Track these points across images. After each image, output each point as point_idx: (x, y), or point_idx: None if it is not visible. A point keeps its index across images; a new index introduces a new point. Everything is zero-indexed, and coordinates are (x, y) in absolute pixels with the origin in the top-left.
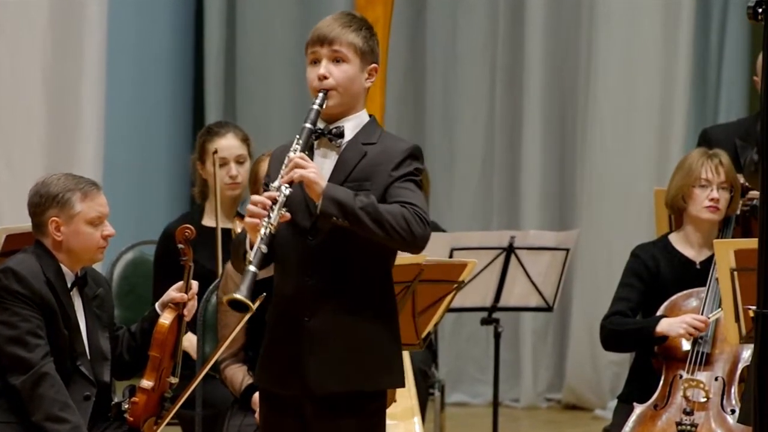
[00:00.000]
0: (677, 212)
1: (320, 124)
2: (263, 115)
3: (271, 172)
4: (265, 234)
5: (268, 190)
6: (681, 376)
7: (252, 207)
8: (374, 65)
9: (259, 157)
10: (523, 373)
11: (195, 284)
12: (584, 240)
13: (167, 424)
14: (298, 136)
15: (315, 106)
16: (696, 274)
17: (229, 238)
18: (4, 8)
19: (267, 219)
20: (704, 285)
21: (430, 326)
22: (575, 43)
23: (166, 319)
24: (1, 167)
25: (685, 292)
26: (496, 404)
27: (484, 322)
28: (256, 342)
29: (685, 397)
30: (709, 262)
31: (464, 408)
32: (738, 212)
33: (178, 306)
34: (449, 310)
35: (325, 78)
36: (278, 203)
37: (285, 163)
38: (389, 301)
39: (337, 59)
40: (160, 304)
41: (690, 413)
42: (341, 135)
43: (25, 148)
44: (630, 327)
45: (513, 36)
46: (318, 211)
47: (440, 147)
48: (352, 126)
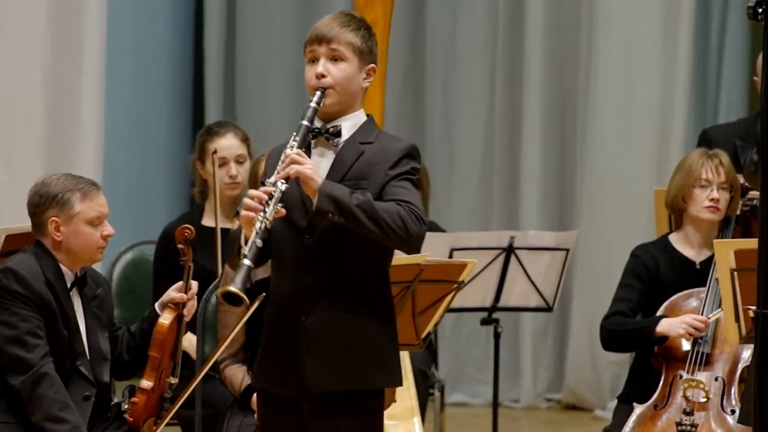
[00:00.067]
0: (677, 212)
1: (317, 123)
2: (263, 115)
3: (267, 170)
4: (261, 228)
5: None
6: (681, 377)
7: (248, 201)
8: (372, 65)
9: (259, 157)
10: (523, 373)
11: (195, 284)
12: (584, 240)
13: (167, 425)
14: (295, 133)
15: (312, 104)
16: (696, 275)
17: None
18: (3, 8)
19: (263, 213)
20: (704, 285)
21: (430, 326)
22: (575, 43)
23: (165, 319)
24: (1, 167)
25: (685, 292)
26: (495, 404)
27: (484, 322)
28: (256, 342)
29: (685, 397)
30: (709, 262)
31: (464, 408)
32: (738, 212)
33: (178, 306)
34: (449, 310)
35: (323, 76)
36: (274, 198)
37: (281, 159)
38: (386, 299)
39: (336, 58)
40: (160, 305)
41: (690, 413)
42: (338, 134)
43: (24, 148)
44: (630, 327)
45: (513, 36)
46: (314, 207)
47: (440, 147)
48: (349, 125)
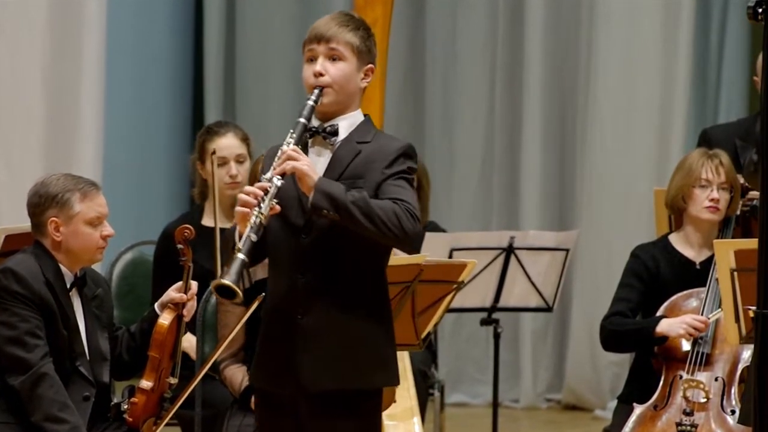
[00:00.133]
0: (677, 212)
1: (315, 123)
2: (262, 115)
3: (265, 168)
4: (255, 223)
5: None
6: (681, 377)
7: (243, 196)
8: (371, 65)
9: (259, 156)
10: (523, 373)
11: (194, 284)
12: (584, 240)
13: (166, 425)
14: (291, 131)
15: (310, 102)
16: (696, 275)
17: None
18: (3, 8)
19: (257, 209)
20: (704, 285)
21: (430, 326)
22: (575, 43)
23: (165, 319)
24: (1, 167)
25: (685, 292)
26: (495, 405)
27: (484, 322)
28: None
29: (685, 397)
30: (709, 262)
31: (464, 408)
32: (738, 212)
33: (178, 306)
34: (449, 310)
35: (321, 75)
36: (269, 193)
37: (278, 155)
38: (383, 298)
39: (334, 57)
40: (160, 305)
41: (690, 414)
42: (335, 133)
43: (24, 148)
44: (630, 327)
45: (513, 36)
46: (309, 203)
47: (440, 147)
48: (346, 125)
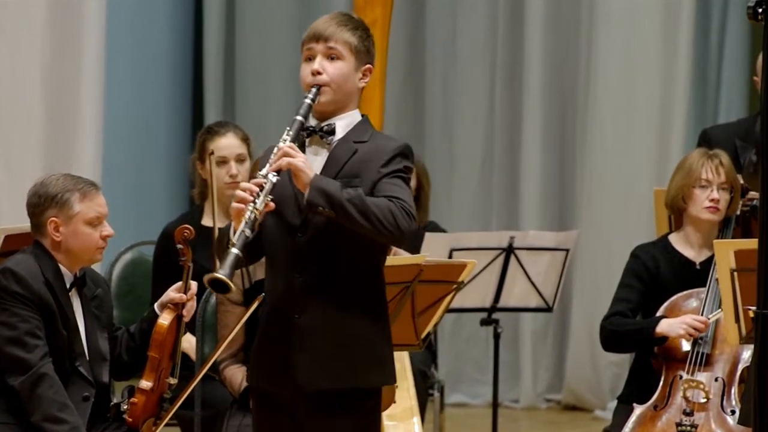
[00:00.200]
0: (677, 212)
1: (312, 122)
2: (262, 115)
3: (262, 165)
4: (250, 218)
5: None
6: (681, 377)
7: (239, 193)
8: (369, 65)
9: (258, 157)
10: (523, 373)
11: (194, 285)
12: (584, 240)
13: (166, 425)
14: (288, 128)
15: (307, 100)
16: (696, 275)
17: None
18: (3, 8)
19: (252, 204)
20: (704, 285)
21: (430, 327)
22: (575, 42)
23: (165, 319)
24: (0, 167)
25: (685, 292)
26: (495, 405)
27: (484, 322)
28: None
29: (685, 397)
30: (709, 262)
31: (464, 409)
32: (738, 213)
33: (177, 306)
34: (449, 310)
35: (319, 74)
36: (265, 189)
37: (274, 152)
38: (379, 297)
39: (332, 56)
40: (159, 305)
41: (690, 414)
42: (332, 132)
43: (23, 148)
44: (630, 328)
45: (513, 35)
46: (305, 200)
47: (440, 147)
48: (343, 124)
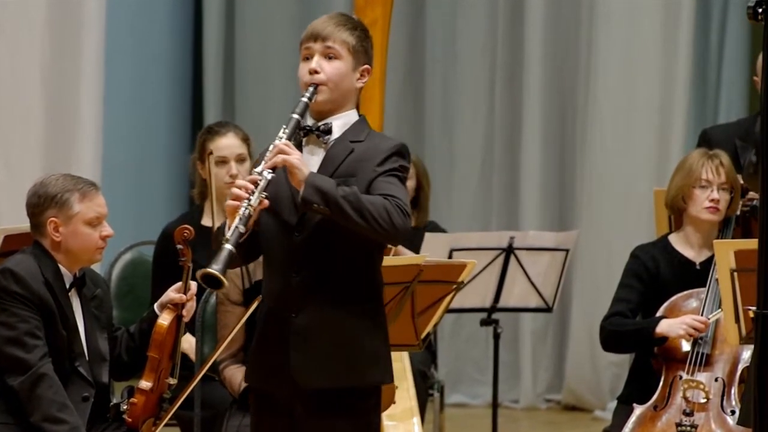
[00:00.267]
0: (677, 213)
1: (309, 122)
2: (262, 115)
3: (258, 163)
4: (244, 214)
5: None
6: (681, 377)
7: (234, 190)
8: (366, 66)
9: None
10: (523, 374)
11: (194, 285)
12: (584, 240)
13: (166, 425)
14: (284, 126)
15: (304, 99)
16: (696, 275)
17: None
18: (3, 8)
19: (247, 201)
20: (704, 286)
21: (430, 327)
22: (575, 43)
23: (164, 319)
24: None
25: (684, 292)
26: (495, 405)
27: (484, 322)
28: None
29: (684, 398)
30: (708, 262)
31: (463, 409)
32: (738, 213)
33: (177, 307)
34: (449, 310)
35: (316, 72)
36: (260, 186)
37: (269, 149)
38: (376, 296)
39: (330, 56)
40: (159, 305)
41: (690, 414)
42: (329, 132)
43: (23, 148)
44: (630, 328)
45: (513, 35)
46: (299, 198)
47: (440, 147)
48: (340, 124)
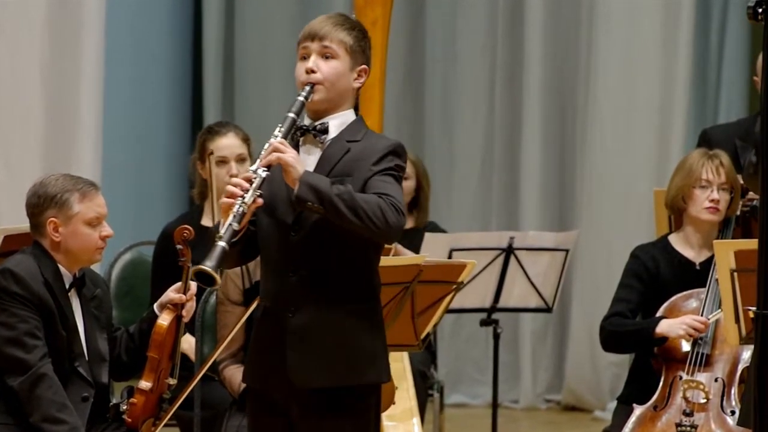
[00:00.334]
0: (677, 213)
1: (306, 121)
2: (262, 115)
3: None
4: (238, 212)
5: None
6: (681, 377)
7: (229, 188)
8: (364, 66)
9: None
10: (523, 374)
11: (193, 285)
12: (584, 240)
13: (165, 425)
14: (280, 125)
15: (300, 98)
16: (696, 275)
17: None
18: (3, 8)
19: (241, 199)
20: (704, 286)
21: (429, 327)
22: (575, 43)
23: (164, 320)
24: None
25: (684, 293)
26: (495, 405)
27: (484, 323)
28: None
29: (684, 398)
30: (708, 262)
31: (463, 409)
32: (738, 213)
33: (177, 307)
34: (448, 311)
35: (313, 72)
36: (254, 184)
37: (265, 147)
38: (373, 295)
39: (327, 55)
40: (159, 305)
41: (690, 414)
42: (326, 131)
43: (23, 149)
44: (630, 328)
45: (513, 36)
46: (294, 196)
47: (440, 147)
48: (337, 123)
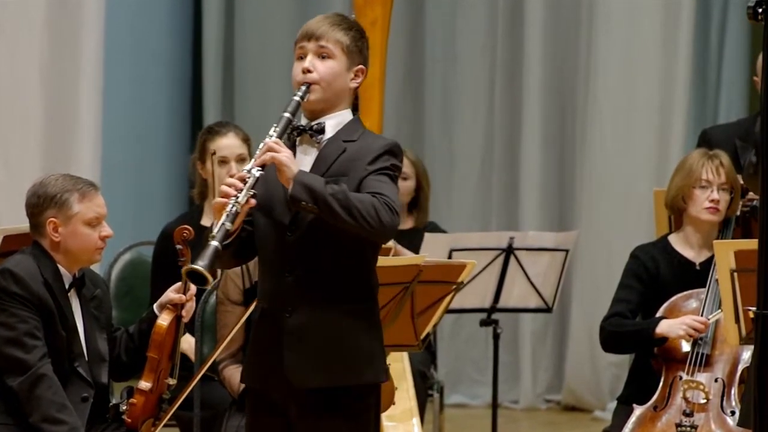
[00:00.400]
0: (677, 213)
1: (303, 121)
2: (261, 115)
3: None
4: (231, 211)
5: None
6: (681, 378)
7: (223, 187)
8: (361, 66)
9: None
10: (523, 374)
11: (193, 285)
12: (584, 240)
13: (165, 426)
14: (275, 125)
15: (296, 98)
16: (696, 275)
17: None
18: (3, 8)
19: (234, 198)
20: (704, 286)
21: (429, 327)
22: (575, 43)
23: (164, 320)
24: None
25: (684, 293)
26: (495, 405)
27: (483, 323)
28: None
29: (684, 398)
30: (708, 263)
31: (463, 409)
32: (738, 213)
33: (177, 307)
34: (448, 311)
35: (309, 72)
36: (248, 184)
37: (259, 147)
38: (371, 297)
39: (323, 55)
40: (158, 306)
41: (690, 414)
42: (322, 131)
43: (22, 149)
44: (630, 328)
45: (512, 35)
46: (288, 195)
47: (440, 147)
48: (333, 123)
